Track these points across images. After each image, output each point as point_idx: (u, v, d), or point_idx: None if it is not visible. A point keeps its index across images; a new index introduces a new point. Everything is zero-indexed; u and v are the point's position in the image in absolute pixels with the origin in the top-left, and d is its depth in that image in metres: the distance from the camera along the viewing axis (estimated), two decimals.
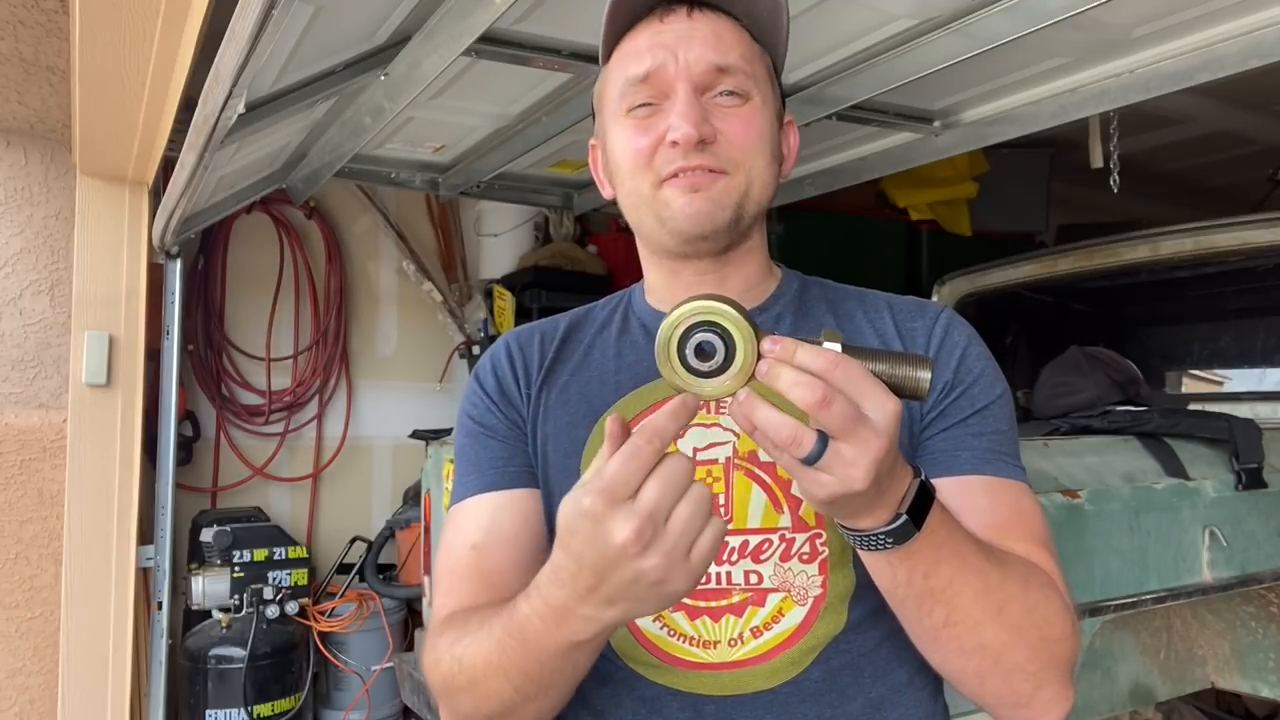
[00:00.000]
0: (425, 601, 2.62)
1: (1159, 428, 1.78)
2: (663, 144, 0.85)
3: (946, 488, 0.84)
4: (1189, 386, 3.07)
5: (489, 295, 3.64)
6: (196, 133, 1.67)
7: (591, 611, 0.67)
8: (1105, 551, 1.49)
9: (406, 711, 3.11)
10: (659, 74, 0.86)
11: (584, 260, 3.66)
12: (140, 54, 1.79)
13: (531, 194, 2.92)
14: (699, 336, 0.64)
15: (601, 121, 0.94)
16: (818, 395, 0.61)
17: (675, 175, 0.85)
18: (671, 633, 0.87)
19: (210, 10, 1.46)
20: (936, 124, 2.25)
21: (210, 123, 1.57)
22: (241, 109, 1.50)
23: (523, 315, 3.44)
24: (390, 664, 3.05)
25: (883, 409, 0.63)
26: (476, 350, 3.70)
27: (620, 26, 0.89)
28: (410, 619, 3.26)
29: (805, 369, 0.62)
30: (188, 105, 1.76)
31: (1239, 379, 2.97)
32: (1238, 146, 4.13)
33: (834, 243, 3.88)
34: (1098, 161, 2.68)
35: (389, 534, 3.19)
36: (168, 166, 2.24)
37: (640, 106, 0.87)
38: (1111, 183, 2.60)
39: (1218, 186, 4.79)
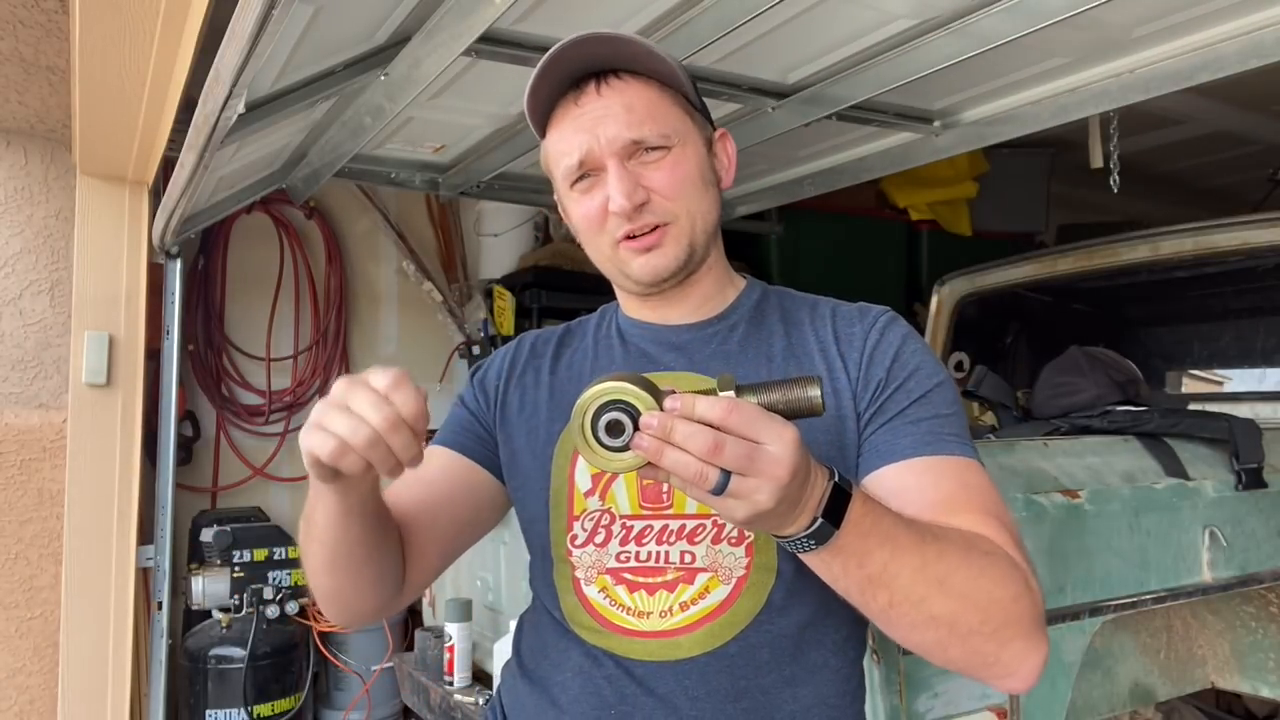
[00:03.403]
0: (425, 601, 2.62)
1: (1159, 428, 1.78)
2: (608, 210, 0.98)
3: (891, 474, 0.91)
4: (1189, 386, 3.06)
5: (489, 295, 3.64)
6: (196, 133, 1.67)
7: None
8: (1105, 551, 1.49)
9: (406, 711, 3.11)
10: (589, 157, 0.98)
11: (584, 260, 3.59)
12: (140, 54, 1.79)
13: (531, 194, 2.92)
14: (608, 416, 0.71)
15: (556, 189, 1.07)
16: (710, 443, 0.68)
17: (627, 238, 0.99)
18: (613, 603, 0.98)
19: (210, 10, 1.46)
20: (936, 124, 2.25)
21: (210, 123, 1.57)
22: (241, 109, 1.50)
23: (523, 315, 3.44)
24: (390, 664, 3.05)
25: (780, 439, 0.69)
26: (476, 350, 3.70)
27: (543, 108, 1.02)
28: (410, 619, 3.26)
29: (705, 420, 0.69)
30: (188, 105, 1.76)
31: (1239, 379, 2.97)
32: (1238, 146, 4.13)
33: (834, 243, 3.88)
34: (1098, 161, 2.68)
35: None
36: (168, 166, 2.24)
37: (580, 180, 1.00)
38: (1111, 183, 2.59)
39: (1218, 186, 4.79)
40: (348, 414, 0.73)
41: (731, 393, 0.72)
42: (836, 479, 0.75)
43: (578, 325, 1.18)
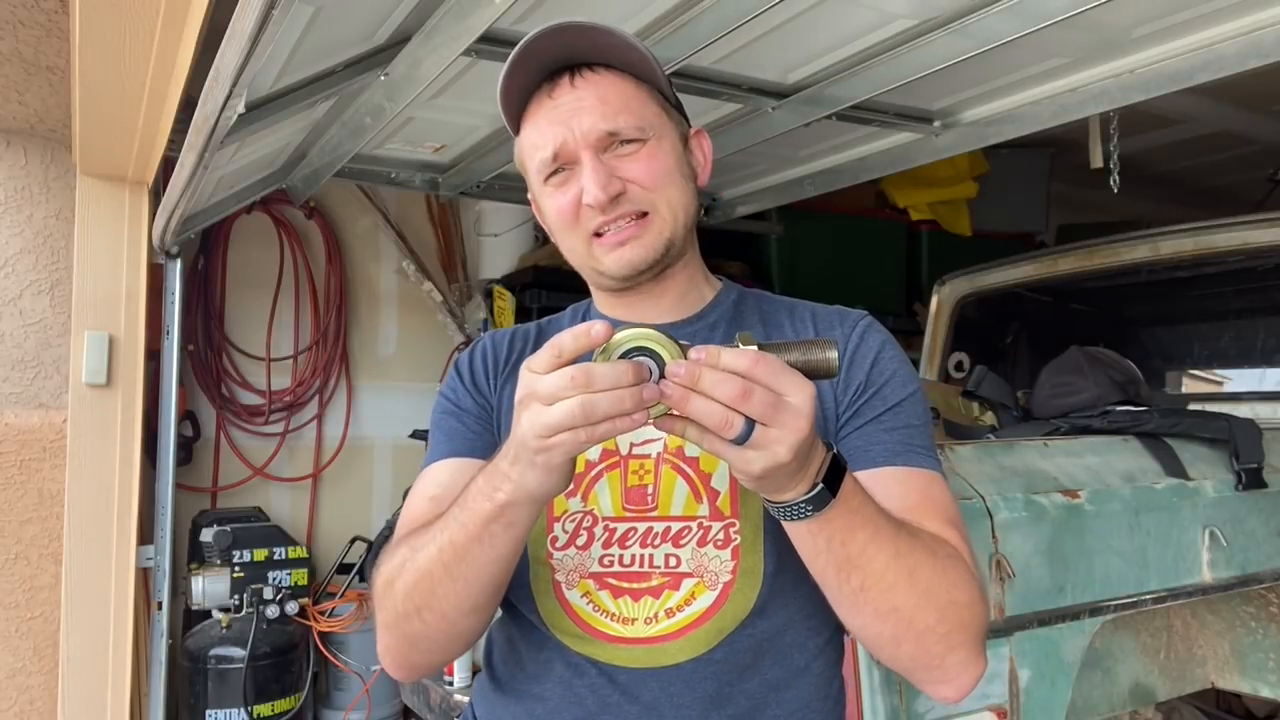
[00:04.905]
0: None
1: (1159, 428, 1.78)
2: (582, 204, 0.97)
3: (862, 480, 0.91)
4: (1189, 386, 3.06)
5: (489, 295, 3.64)
6: (196, 133, 1.67)
7: (506, 467, 0.78)
8: (1105, 551, 1.49)
9: (406, 712, 3.11)
10: (563, 150, 0.96)
11: None
12: (140, 54, 1.79)
13: None
14: (633, 360, 0.71)
15: (530, 185, 1.06)
16: (738, 389, 0.68)
17: (600, 233, 0.98)
18: (596, 608, 0.97)
19: (210, 10, 1.46)
20: (936, 124, 2.25)
21: (210, 123, 1.57)
22: (241, 109, 1.50)
23: (523, 315, 3.44)
24: None
25: (801, 393, 0.70)
26: None
27: (516, 102, 1.00)
28: None
29: (730, 369, 0.69)
30: (188, 105, 1.76)
31: (1239, 379, 2.96)
32: (1238, 146, 4.13)
33: (834, 243, 3.88)
34: (1098, 161, 2.68)
35: (389, 534, 3.18)
36: (168, 166, 2.24)
37: (554, 174, 0.99)
38: (1111, 183, 2.59)
39: (1218, 186, 4.79)
40: (600, 392, 0.69)
41: (753, 346, 0.72)
42: (835, 451, 0.78)
43: (549, 324, 1.16)
